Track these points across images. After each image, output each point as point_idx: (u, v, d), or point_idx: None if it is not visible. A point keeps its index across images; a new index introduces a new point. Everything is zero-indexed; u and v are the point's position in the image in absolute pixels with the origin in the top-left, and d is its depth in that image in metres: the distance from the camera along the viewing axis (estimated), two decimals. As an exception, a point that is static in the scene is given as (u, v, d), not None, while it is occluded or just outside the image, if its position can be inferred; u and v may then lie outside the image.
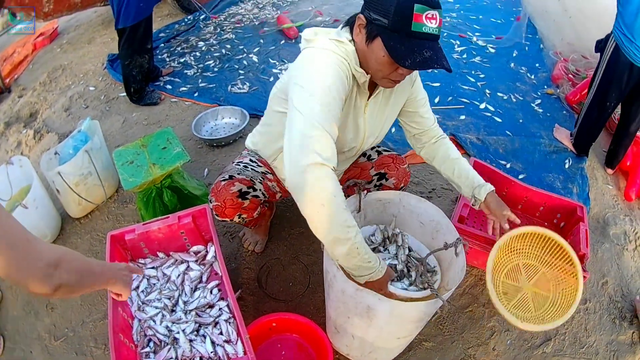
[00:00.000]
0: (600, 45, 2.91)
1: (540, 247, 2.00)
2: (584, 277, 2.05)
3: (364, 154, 2.13)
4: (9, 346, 2.16)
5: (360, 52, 1.55)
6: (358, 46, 1.54)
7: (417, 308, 1.51)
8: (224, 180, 1.90)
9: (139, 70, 3.52)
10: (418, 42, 1.41)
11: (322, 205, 1.36)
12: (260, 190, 1.97)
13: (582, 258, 2.18)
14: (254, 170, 2.00)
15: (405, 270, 1.74)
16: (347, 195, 1.85)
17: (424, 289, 1.64)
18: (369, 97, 1.72)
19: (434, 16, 1.39)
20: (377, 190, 2.02)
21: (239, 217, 1.97)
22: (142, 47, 3.45)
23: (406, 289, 1.64)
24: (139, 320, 1.86)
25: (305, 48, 1.59)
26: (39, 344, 2.14)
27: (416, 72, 1.85)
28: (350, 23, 1.58)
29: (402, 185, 2.12)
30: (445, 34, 4.76)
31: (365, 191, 1.85)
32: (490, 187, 1.86)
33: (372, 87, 1.68)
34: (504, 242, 1.85)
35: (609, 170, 3.28)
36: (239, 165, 2.01)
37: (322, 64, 1.49)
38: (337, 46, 1.54)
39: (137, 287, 2.00)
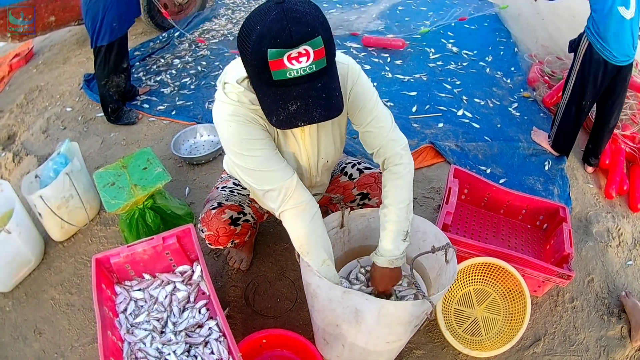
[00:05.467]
0: (574, 45, 2.96)
1: (489, 272, 2.18)
2: (569, 276, 2.11)
3: (345, 173, 2.08)
4: (-2, 374, 2.12)
5: None
6: None
7: (404, 308, 1.51)
8: (213, 208, 1.88)
9: (115, 89, 3.50)
10: (285, 91, 1.21)
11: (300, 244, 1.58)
12: (249, 213, 1.97)
13: (566, 258, 2.23)
14: (240, 194, 2.00)
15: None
16: (331, 212, 1.87)
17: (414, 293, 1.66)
18: None
19: (303, 52, 1.14)
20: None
21: (231, 243, 1.97)
22: (118, 66, 3.43)
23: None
24: (129, 343, 1.84)
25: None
26: (29, 370, 2.11)
27: (354, 79, 1.54)
28: None
29: None
30: (418, 43, 4.82)
31: (349, 209, 1.86)
32: (376, 261, 1.69)
33: None
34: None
35: (589, 169, 3.33)
36: (225, 190, 1.99)
37: (226, 127, 1.46)
38: (228, 94, 1.46)
39: (125, 309, 1.98)
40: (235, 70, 1.49)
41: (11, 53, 5.32)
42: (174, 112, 3.74)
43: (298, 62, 1.15)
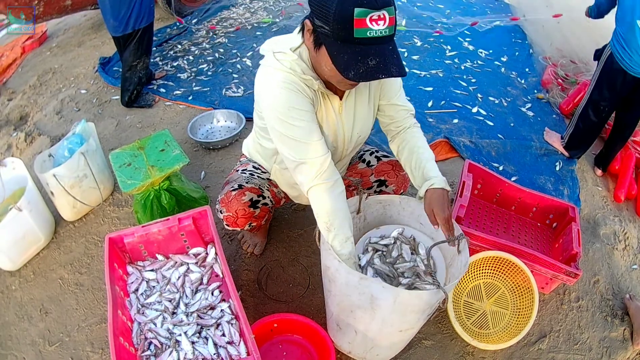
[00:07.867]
0: (598, 54, 2.98)
1: (499, 267, 2.20)
2: (577, 275, 2.13)
3: (363, 160, 2.12)
4: (1, 352, 2.11)
5: (312, 58, 1.49)
6: (310, 52, 1.49)
7: (419, 296, 1.53)
8: (233, 190, 1.90)
9: (145, 71, 3.59)
10: (363, 48, 1.30)
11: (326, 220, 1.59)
12: (268, 197, 1.99)
13: (574, 256, 2.24)
14: (260, 177, 2.02)
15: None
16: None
17: (430, 282, 1.67)
18: (342, 97, 1.65)
19: (382, 17, 1.25)
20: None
21: (249, 226, 1.98)
22: (149, 47, 3.55)
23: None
24: (139, 323, 1.85)
25: (260, 66, 1.60)
26: (33, 349, 2.10)
27: None
28: (302, 27, 1.50)
29: (401, 191, 2.13)
30: (432, 39, 4.84)
31: (367, 194, 1.87)
32: (433, 183, 1.65)
33: None
34: None
35: (599, 172, 3.34)
36: (245, 173, 2.01)
37: (275, 93, 1.50)
38: (280, 61, 1.51)
39: (137, 289, 1.99)
40: (285, 41, 1.56)
41: (24, 35, 5.31)
42: (190, 97, 3.76)
43: (377, 24, 1.26)
